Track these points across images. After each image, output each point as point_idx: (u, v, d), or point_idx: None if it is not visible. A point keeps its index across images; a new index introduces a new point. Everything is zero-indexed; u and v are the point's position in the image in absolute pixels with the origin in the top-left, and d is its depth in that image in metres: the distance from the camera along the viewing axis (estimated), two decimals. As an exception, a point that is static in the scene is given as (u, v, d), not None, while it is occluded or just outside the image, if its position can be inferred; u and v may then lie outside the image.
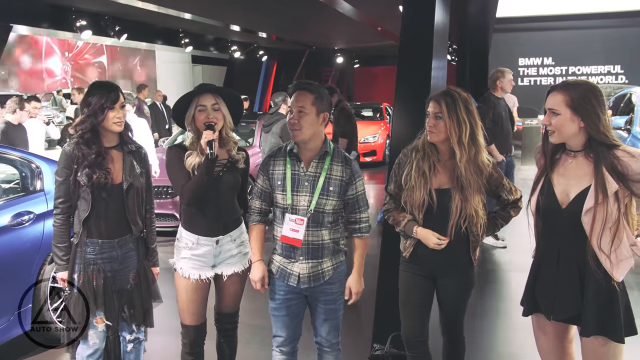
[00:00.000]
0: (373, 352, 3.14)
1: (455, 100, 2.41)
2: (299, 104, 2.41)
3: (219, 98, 2.61)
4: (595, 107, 2.02)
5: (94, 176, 2.48)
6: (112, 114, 2.51)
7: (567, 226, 2.08)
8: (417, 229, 2.47)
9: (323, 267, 2.49)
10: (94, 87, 2.56)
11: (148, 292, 2.69)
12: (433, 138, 2.45)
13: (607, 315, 2.03)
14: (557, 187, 2.12)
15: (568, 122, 2.05)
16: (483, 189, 2.47)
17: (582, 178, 2.06)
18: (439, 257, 2.48)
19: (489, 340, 3.78)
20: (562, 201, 2.10)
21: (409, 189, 2.48)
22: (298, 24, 12.39)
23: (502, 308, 4.29)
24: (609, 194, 1.98)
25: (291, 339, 2.59)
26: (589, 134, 2.04)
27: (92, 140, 2.53)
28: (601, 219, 1.99)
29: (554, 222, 2.13)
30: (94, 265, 2.55)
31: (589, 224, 2.01)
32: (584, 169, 2.07)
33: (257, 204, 2.55)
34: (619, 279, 2.02)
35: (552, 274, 2.12)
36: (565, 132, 2.07)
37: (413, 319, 2.59)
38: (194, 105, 2.59)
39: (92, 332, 2.57)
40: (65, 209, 2.57)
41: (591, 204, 2.00)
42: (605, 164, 2.00)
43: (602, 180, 1.99)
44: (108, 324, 2.59)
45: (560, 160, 2.15)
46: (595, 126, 2.01)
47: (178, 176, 2.59)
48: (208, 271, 2.65)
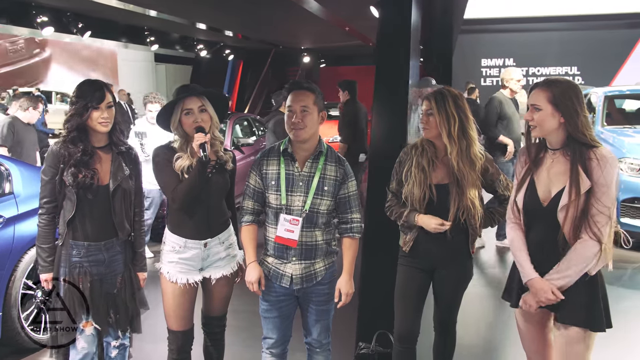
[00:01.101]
0: (359, 350, 3.15)
1: (444, 97, 2.51)
2: (303, 103, 2.40)
3: (204, 99, 2.56)
4: (575, 104, 2.10)
5: (79, 176, 2.41)
6: (96, 114, 2.43)
7: (548, 223, 2.15)
8: (418, 217, 2.54)
9: (316, 268, 2.49)
10: (81, 86, 2.48)
11: (133, 297, 2.61)
12: (427, 134, 2.56)
13: (584, 306, 2.11)
14: (539, 186, 2.19)
15: (549, 117, 2.12)
16: (478, 182, 2.55)
17: (561, 177, 2.13)
18: (439, 250, 2.55)
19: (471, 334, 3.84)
20: (544, 199, 2.17)
21: (409, 185, 2.55)
22: (265, 23, 12.31)
23: (480, 304, 4.38)
24: (582, 192, 2.06)
25: (282, 340, 2.57)
26: (568, 132, 2.11)
27: (78, 139, 2.45)
28: (572, 215, 2.07)
29: (536, 219, 2.20)
30: (80, 267, 2.48)
31: (562, 220, 2.10)
32: (562, 168, 2.14)
33: (250, 204, 2.52)
34: (591, 272, 2.11)
35: (540, 267, 2.18)
36: (545, 127, 2.14)
37: (409, 313, 2.65)
38: (180, 109, 2.53)
39: (80, 337, 2.49)
40: (50, 209, 2.49)
41: (565, 201, 2.08)
42: (581, 162, 2.08)
43: (576, 178, 2.06)
44: (97, 327, 2.51)
45: (543, 159, 2.22)
46: (574, 123, 2.09)
47: (168, 180, 2.53)
48: (196, 275, 2.60)
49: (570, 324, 2.14)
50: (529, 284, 2.19)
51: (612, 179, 2.06)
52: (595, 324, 2.12)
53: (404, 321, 2.66)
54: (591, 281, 2.12)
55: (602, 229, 2.06)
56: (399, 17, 3.81)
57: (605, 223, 2.06)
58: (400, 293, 2.68)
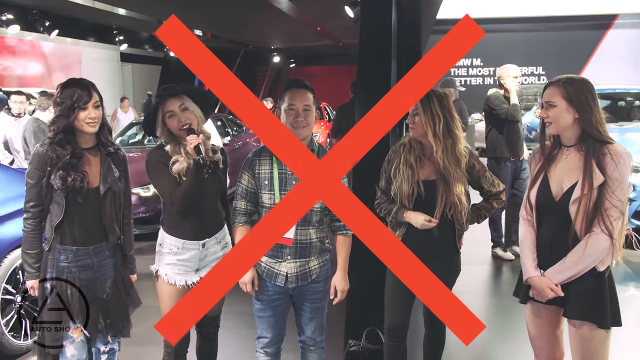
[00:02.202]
0: (349, 348, 3.15)
1: (429, 97, 2.56)
2: (305, 102, 2.41)
3: (183, 98, 2.53)
4: (589, 100, 2.15)
5: (68, 179, 2.33)
6: (83, 114, 2.34)
7: (559, 217, 2.20)
8: (406, 213, 2.59)
9: (310, 266, 2.50)
10: (66, 85, 2.39)
11: (126, 300, 2.56)
12: (413, 134, 2.62)
13: (591, 300, 2.15)
14: (552, 182, 2.24)
15: (564, 113, 2.17)
16: (464, 179, 2.60)
17: (574, 172, 2.18)
18: (427, 245, 2.59)
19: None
20: (556, 194, 2.22)
21: (398, 181, 2.60)
22: (235, 22, 12.21)
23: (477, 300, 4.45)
24: (595, 186, 2.11)
25: (276, 339, 2.57)
26: (582, 128, 2.16)
27: (66, 140, 2.36)
28: (584, 209, 2.11)
29: (548, 214, 2.25)
30: (68, 273, 2.40)
31: (574, 213, 2.14)
32: (576, 163, 2.18)
33: (242, 205, 2.50)
34: (600, 267, 2.15)
35: (546, 261, 2.24)
36: (561, 123, 2.18)
37: (399, 308, 2.69)
38: (160, 114, 2.51)
39: (68, 344, 2.43)
40: (36, 214, 2.40)
41: (578, 194, 2.13)
42: (595, 157, 2.13)
43: (590, 172, 2.11)
44: (86, 334, 2.44)
45: (557, 156, 2.26)
46: (589, 118, 2.14)
47: (166, 183, 2.49)
48: (193, 276, 2.57)
49: (576, 319, 2.17)
50: (528, 281, 2.27)
51: (626, 174, 2.10)
52: (601, 319, 2.14)
53: (394, 315, 2.70)
54: (599, 277, 2.16)
55: (615, 223, 2.10)
56: (379, 18, 3.85)
57: (618, 217, 2.10)
58: (391, 288, 2.71)
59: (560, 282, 2.19)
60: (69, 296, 2.40)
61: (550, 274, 2.21)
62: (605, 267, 2.16)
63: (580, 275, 2.16)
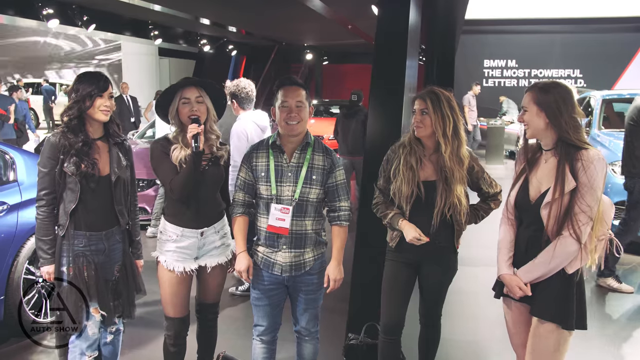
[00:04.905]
0: (348, 341, 3.23)
1: (439, 97, 2.60)
2: (298, 98, 2.51)
3: (202, 91, 2.64)
4: (559, 104, 2.18)
5: (82, 165, 2.45)
6: (100, 101, 2.47)
7: (534, 219, 2.25)
8: (401, 222, 2.62)
9: (305, 258, 2.58)
10: (83, 75, 2.53)
11: (133, 283, 2.69)
12: (420, 133, 2.63)
13: (557, 301, 2.20)
14: (531, 184, 2.29)
15: (535, 117, 2.23)
16: (465, 180, 2.64)
17: (550, 177, 2.22)
18: (424, 245, 2.62)
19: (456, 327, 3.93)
20: (533, 197, 2.27)
21: (397, 182, 2.63)
22: (269, 20, 12.38)
23: (467, 299, 4.46)
24: (566, 190, 2.14)
25: (272, 328, 2.67)
26: (557, 133, 2.21)
27: (78, 129, 2.49)
28: (555, 213, 2.16)
29: (525, 216, 2.31)
30: (83, 257, 2.52)
31: (546, 217, 2.19)
32: (552, 167, 2.23)
33: (241, 196, 2.61)
34: (568, 270, 2.19)
35: (521, 260, 2.31)
36: (533, 126, 2.24)
37: (396, 306, 2.74)
38: (178, 98, 2.61)
39: (91, 323, 2.55)
40: (50, 201, 2.51)
41: (549, 198, 2.18)
42: (569, 162, 2.17)
43: (562, 177, 2.16)
44: (103, 314, 2.56)
45: (538, 159, 2.31)
46: (558, 122, 2.18)
47: (165, 171, 2.60)
48: (191, 263, 2.68)
49: (540, 317, 2.22)
50: (500, 278, 2.34)
51: (596, 179, 2.13)
52: (564, 320, 2.19)
53: (390, 313, 2.75)
54: (568, 279, 2.20)
55: (583, 228, 2.13)
56: (397, 16, 3.89)
57: (586, 222, 2.14)
58: (387, 286, 2.76)
59: (529, 280, 2.24)
60: (86, 278, 2.51)
61: (520, 272, 2.27)
62: (574, 270, 2.20)
63: (549, 276, 2.21)
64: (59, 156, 2.47)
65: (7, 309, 3.56)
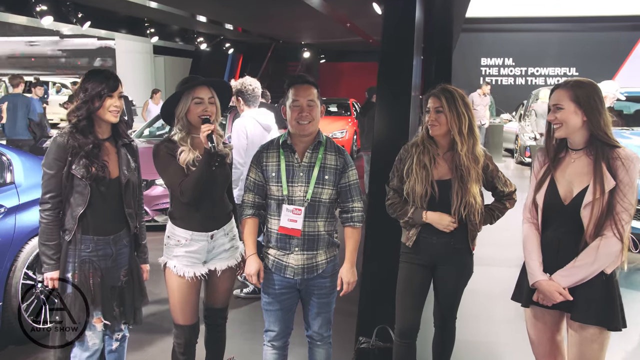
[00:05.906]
0: (359, 345, 3.16)
1: (453, 95, 2.55)
2: (310, 97, 2.43)
3: (212, 90, 2.57)
4: (597, 103, 2.13)
5: (92, 168, 2.35)
6: (110, 101, 2.38)
7: (568, 220, 2.17)
8: (426, 214, 2.56)
9: (318, 260, 2.50)
10: (92, 74, 2.42)
11: (139, 289, 2.59)
12: (435, 131, 2.57)
13: (602, 304, 2.13)
14: (560, 185, 2.21)
15: (572, 115, 2.15)
16: (480, 179, 2.59)
17: (584, 176, 2.15)
18: (440, 246, 2.58)
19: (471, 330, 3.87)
20: (565, 198, 2.19)
21: (411, 182, 2.57)
22: (266, 17, 12.27)
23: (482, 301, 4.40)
24: (606, 190, 2.08)
25: (284, 333, 2.58)
26: (590, 131, 2.14)
27: (88, 129, 2.39)
28: (596, 213, 2.09)
29: (556, 218, 2.22)
30: (89, 263, 2.41)
31: (587, 217, 2.12)
32: (585, 167, 2.16)
33: (251, 197, 2.52)
34: (607, 271, 2.13)
35: (553, 264, 2.21)
36: (570, 125, 2.16)
37: (411, 308, 2.67)
38: (190, 98, 2.52)
39: (91, 333, 2.45)
40: (55, 204, 2.39)
41: (590, 199, 2.10)
42: (605, 161, 2.10)
43: (600, 177, 2.09)
44: (107, 323, 2.47)
45: (564, 159, 2.24)
46: (597, 121, 2.12)
47: (173, 174, 2.51)
48: (201, 268, 2.60)
49: (587, 323, 2.14)
50: (536, 285, 2.22)
51: (636, 178, 2.08)
52: (612, 322, 2.13)
53: (406, 316, 2.69)
54: (608, 280, 2.14)
55: (626, 227, 2.08)
56: (404, 15, 3.83)
57: (629, 221, 2.09)
58: (402, 289, 2.70)
59: (569, 285, 2.16)
60: (91, 286, 2.40)
61: (558, 277, 2.17)
62: (612, 269, 2.14)
63: (589, 278, 2.13)
64: (66, 158, 2.36)
65: (4, 316, 3.45)
